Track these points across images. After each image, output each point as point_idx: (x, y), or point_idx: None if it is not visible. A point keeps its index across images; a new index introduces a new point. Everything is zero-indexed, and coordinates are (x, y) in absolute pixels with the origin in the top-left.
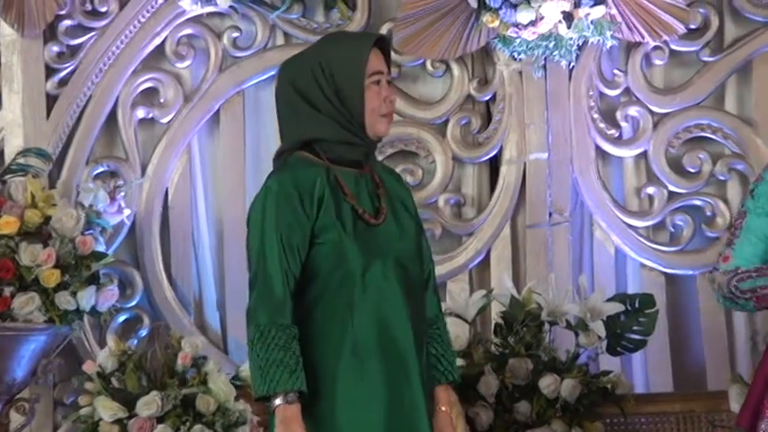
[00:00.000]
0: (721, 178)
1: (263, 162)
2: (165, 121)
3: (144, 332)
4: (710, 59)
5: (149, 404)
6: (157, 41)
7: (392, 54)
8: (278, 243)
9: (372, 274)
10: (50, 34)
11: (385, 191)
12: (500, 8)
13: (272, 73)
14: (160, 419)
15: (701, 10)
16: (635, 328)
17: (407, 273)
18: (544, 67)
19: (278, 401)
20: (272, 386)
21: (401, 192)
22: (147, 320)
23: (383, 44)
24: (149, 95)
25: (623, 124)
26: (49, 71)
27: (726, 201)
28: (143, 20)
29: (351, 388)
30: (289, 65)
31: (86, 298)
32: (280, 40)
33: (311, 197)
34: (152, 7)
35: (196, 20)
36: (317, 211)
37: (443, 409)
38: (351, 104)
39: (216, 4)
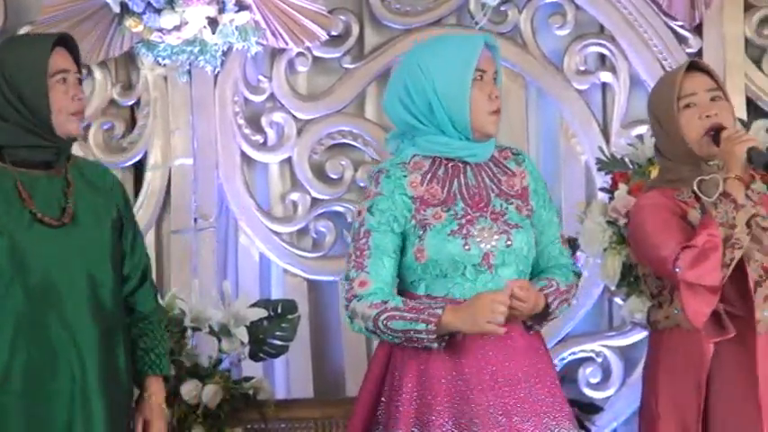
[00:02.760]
0: (362, 185)
1: None
2: None
3: None
4: (352, 66)
5: None
6: None
7: None
8: None
9: (49, 280)
10: None
11: (80, 190)
12: (143, 13)
13: None
14: None
15: (343, 17)
16: (277, 333)
17: (94, 280)
18: (189, 72)
19: None
20: None
21: (104, 189)
22: None
23: (68, 43)
24: None
25: (268, 130)
26: None
27: None
28: None
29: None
30: None
31: None
32: None
33: None
34: None
35: None
36: None
37: (150, 397)
38: (34, 106)
39: None
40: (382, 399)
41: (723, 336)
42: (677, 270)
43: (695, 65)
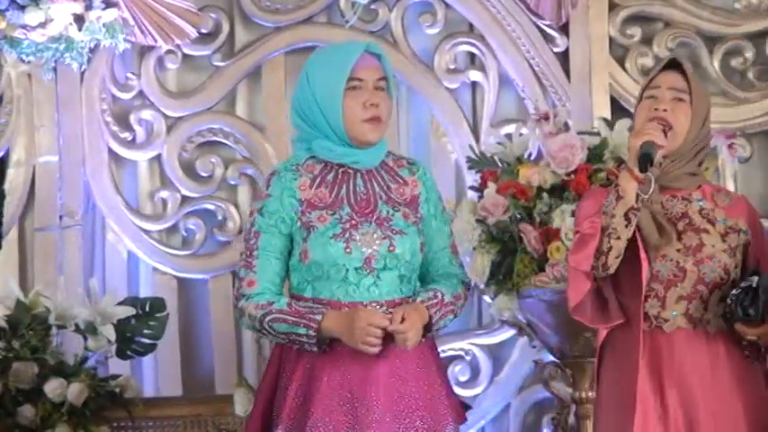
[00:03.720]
0: (233, 183)
1: None
2: None
3: None
4: (222, 64)
5: None
6: None
7: None
8: None
9: None
10: None
11: None
12: (6, 9)
13: None
14: None
15: (213, 14)
16: (145, 331)
17: None
18: (54, 69)
19: None
20: None
21: None
22: None
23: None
24: None
25: (137, 128)
26: None
27: (237, 205)
28: None
29: None
30: None
31: None
32: None
33: None
34: None
35: None
36: None
37: None
38: None
39: None
40: (276, 396)
41: (607, 323)
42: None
43: (672, 63)
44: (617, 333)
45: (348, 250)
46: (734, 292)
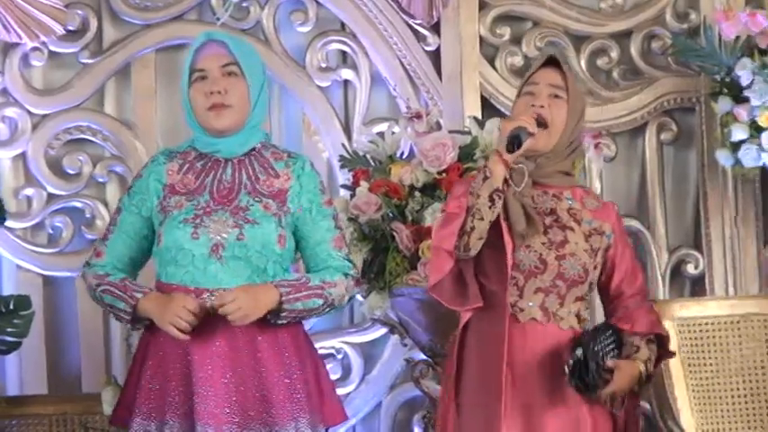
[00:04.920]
0: (101, 180)
1: None
2: None
3: None
4: (90, 61)
5: None
6: None
7: None
8: None
9: None
10: None
11: None
12: None
13: None
14: None
15: (80, 11)
16: (9, 329)
17: None
18: None
19: None
20: None
21: None
22: None
23: None
24: None
25: (0, 125)
26: None
27: (105, 203)
28: None
29: None
30: None
31: None
32: None
33: None
34: None
35: None
36: None
37: None
38: None
39: None
40: (142, 383)
41: (464, 306)
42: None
43: (552, 60)
44: (481, 316)
45: (195, 236)
46: (567, 366)
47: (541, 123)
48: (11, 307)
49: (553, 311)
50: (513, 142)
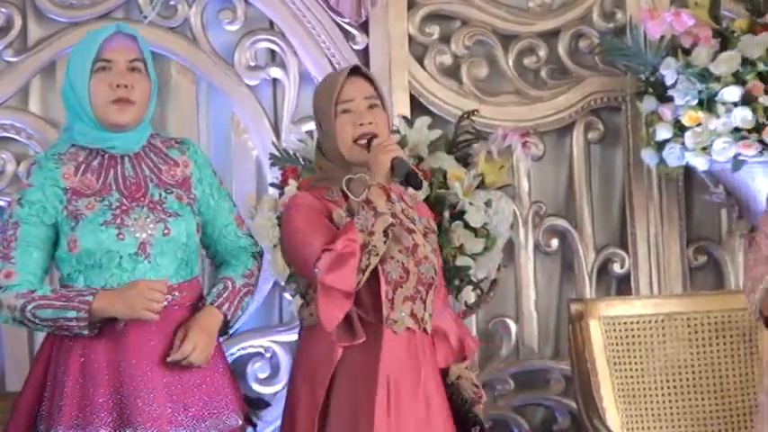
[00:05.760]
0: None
1: None
2: None
3: None
4: (14, 59)
5: None
6: None
7: None
8: None
9: None
10: None
11: None
12: None
13: None
14: None
15: (4, 10)
16: None
17: None
18: None
19: None
20: None
21: None
22: None
23: None
24: None
25: None
26: None
27: None
28: None
29: None
30: None
31: None
32: None
33: None
34: None
35: None
36: None
37: None
38: None
39: None
40: (45, 394)
41: (353, 341)
42: (316, 272)
43: (357, 70)
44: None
45: (121, 236)
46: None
47: (373, 138)
48: None
49: (420, 317)
50: (409, 173)
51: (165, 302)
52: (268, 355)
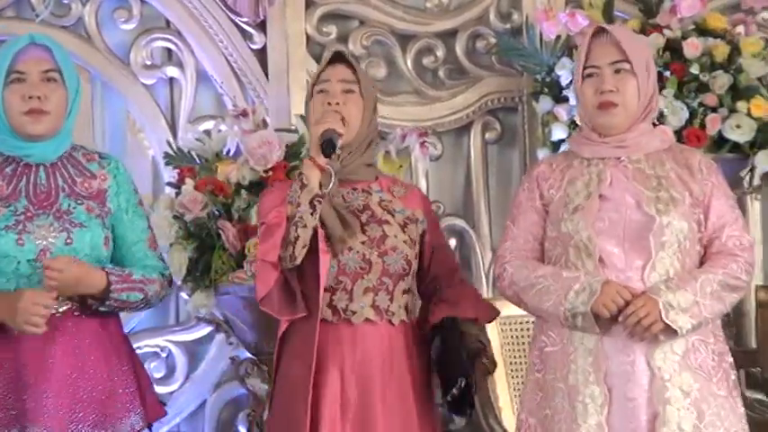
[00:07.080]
0: None
1: None
2: None
3: None
4: None
5: None
6: None
7: None
8: None
9: None
10: None
11: None
12: None
13: None
14: None
15: None
16: None
17: None
18: None
19: None
20: None
21: None
22: None
23: None
24: None
25: None
26: None
27: None
28: None
29: None
30: None
31: None
32: None
33: None
34: None
35: None
36: None
37: None
38: None
39: None
40: None
41: (293, 314)
42: None
43: (342, 56)
44: (298, 324)
45: (20, 242)
46: (450, 396)
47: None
48: None
49: (384, 308)
50: (329, 147)
51: (53, 311)
52: (164, 354)
